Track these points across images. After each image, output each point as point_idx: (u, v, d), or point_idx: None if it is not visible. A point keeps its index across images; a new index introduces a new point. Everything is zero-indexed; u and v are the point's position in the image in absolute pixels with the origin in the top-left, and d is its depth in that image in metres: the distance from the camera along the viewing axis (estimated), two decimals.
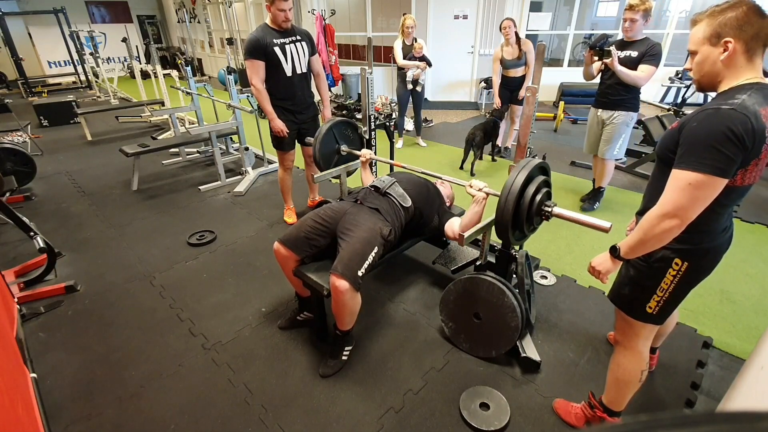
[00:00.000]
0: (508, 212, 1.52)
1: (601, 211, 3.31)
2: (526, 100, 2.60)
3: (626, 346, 1.39)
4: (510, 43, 4.07)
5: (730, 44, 1.02)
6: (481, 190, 1.79)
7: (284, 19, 2.58)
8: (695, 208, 1.02)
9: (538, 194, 1.58)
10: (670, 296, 1.23)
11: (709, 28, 1.04)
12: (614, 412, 1.48)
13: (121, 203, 3.64)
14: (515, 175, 1.54)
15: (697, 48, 1.09)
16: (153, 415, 1.66)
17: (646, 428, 0.23)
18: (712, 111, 0.99)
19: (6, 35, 8.34)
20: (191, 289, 2.43)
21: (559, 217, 1.56)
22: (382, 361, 1.90)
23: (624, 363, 1.39)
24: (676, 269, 1.19)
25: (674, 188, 1.04)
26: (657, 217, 1.06)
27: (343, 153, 2.57)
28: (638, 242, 1.13)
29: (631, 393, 1.44)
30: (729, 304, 2.24)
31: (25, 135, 5.02)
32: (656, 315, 1.27)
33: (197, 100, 4.48)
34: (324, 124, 2.51)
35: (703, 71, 1.10)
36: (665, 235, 1.07)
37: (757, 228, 3.03)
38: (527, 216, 1.58)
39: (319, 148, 2.44)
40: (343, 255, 1.68)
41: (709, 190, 1.01)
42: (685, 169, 1.01)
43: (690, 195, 1.01)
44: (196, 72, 10.62)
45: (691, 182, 1.00)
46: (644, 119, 4.17)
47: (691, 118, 1.04)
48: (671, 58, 6.91)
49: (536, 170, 1.61)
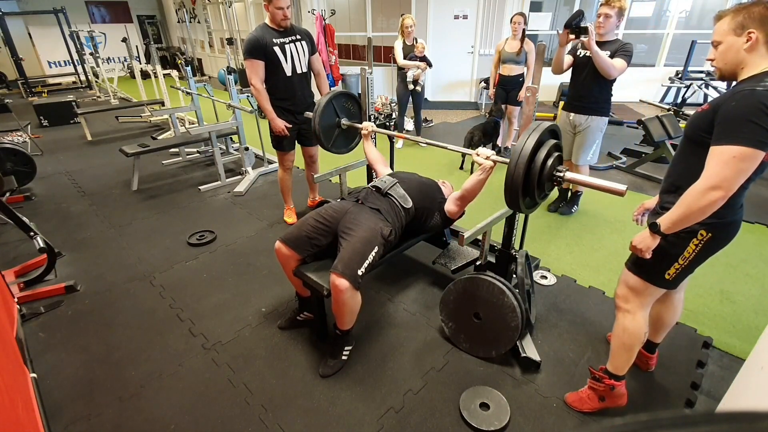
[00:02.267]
0: (519, 177, 1.42)
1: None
2: (526, 100, 2.60)
3: (631, 311, 1.47)
4: (516, 38, 4.10)
5: (753, 35, 1.13)
6: (489, 158, 1.72)
7: (283, 18, 2.57)
8: (738, 180, 1.11)
9: (549, 158, 1.48)
10: (689, 264, 1.33)
11: (734, 21, 1.16)
12: (619, 377, 1.55)
13: (121, 203, 3.64)
14: (525, 139, 1.44)
15: (722, 39, 1.19)
16: (153, 415, 1.66)
17: (646, 428, 0.23)
18: (748, 92, 1.09)
19: (6, 35, 8.35)
20: (191, 289, 2.43)
21: (572, 182, 1.48)
22: (382, 361, 1.90)
23: (629, 327, 1.48)
24: (700, 239, 1.28)
25: (717, 162, 1.11)
26: (703, 190, 1.13)
27: (343, 126, 2.47)
28: (682, 216, 1.19)
29: (634, 356, 1.52)
30: (729, 304, 2.24)
31: (25, 135, 5.02)
32: (672, 281, 1.38)
33: (197, 100, 4.48)
34: (323, 96, 2.40)
35: (726, 59, 1.20)
36: (710, 207, 1.14)
37: (757, 228, 3.03)
38: (538, 181, 1.48)
39: (319, 121, 2.34)
40: (344, 254, 1.68)
41: (752, 162, 1.09)
42: (728, 144, 1.09)
43: (734, 167, 1.09)
44: (196, 72, 10.62)
45: (735, 155, 1.08)
46: (644, 119, 4.16)
47: (727, 99, 1.13)
48: (671, 58, 6.91)
49: (547, 134, 1.50)
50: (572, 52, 2.85)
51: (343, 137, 2.52)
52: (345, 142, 2.58)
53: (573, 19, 2.50)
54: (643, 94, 6.10)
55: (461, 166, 4.30)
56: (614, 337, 1.53)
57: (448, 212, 2.01)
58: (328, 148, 2.47)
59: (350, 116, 2.52)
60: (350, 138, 2.60)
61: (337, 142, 2.50)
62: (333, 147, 2.49)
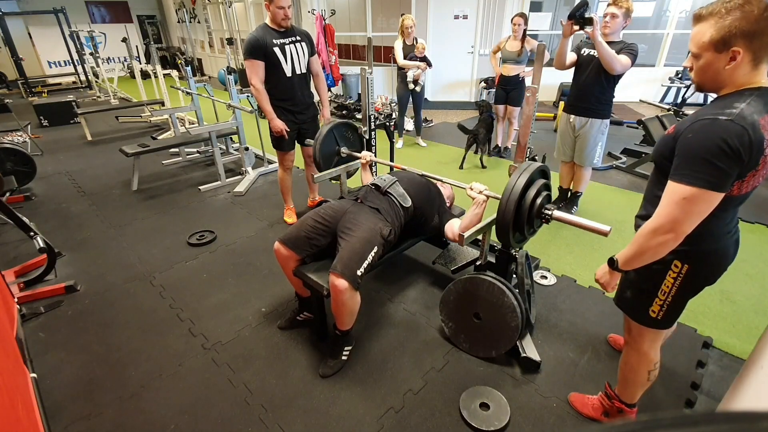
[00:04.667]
0: (509, 214, 1.54)
1: (595, 212, 3.30)
2: (526, 100, 2.60)
3: (633, 346, 1.38)
4: (517, 38, 4.10)
5: (739, 55, 0.94)
6: (482, 192, 1.80)
7: (283, 17, 2.58)
8: (690, 222, 1.00)
9: (538, 197, 1.60)
10: (673, 300, 1.20)
11: (717, 34, 0.95)
12: (630, 404, 1.49)
13: (121, 203, 3.64)
14: (516, 179, 1.56)
15: (700, 52, 1.00)
16: (153, 415, 1.66)
17: (646, 428, 0.23)
18: (709, 121, 0.95)
19: (6, 35, 8.35)
20: (191, 289, 2.43)
21: (559, 221, 1.57)
22: (382, 361, 1.90)
23: (631, 362, 1.40)
24: (676, 271, 1.16)
25: (668, 202, 1.01)
26: (651, 231, 1.05)
27: (343, 155, 2.57)
28: (634, 255, 1.12)
29: (641, 390, 1.45)
30: (729, 304, 2.24)
31: (25, 135, 5.02)
32: (661, 320, 1.24)
33: (197, 100, 4.49)
34: (324, 125, 2.50)
35: (705, 77, 1.03)
36: (660, 248, 1.06)
37: (757, 228, 3.03)
38: (528, 218, 1.61)
39: (320, 149, 2.44)
40: (343, 254, 1.68)
41: (704, 205, 0.98)
42: (679, 182, 0.99)
43: (684, 209, 0.98)
44: (196, 72, 10.62)
45: (685, 196, 0.98)
46: (644, 119, 4.17)
47: (687, 128, 1.00)
48: (671, 58, 6.91)
49: (537, 173, 1.63)
50: (576, 50, 2.80)
51: (342, 164, 2.57)
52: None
53: (577, 10, 2.42)
54: (643, 94, 6.10)
55: (461, 165, 4.30)
56: (620, 369, 1.46)
57: (444, 233, 2.02)
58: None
59: (349, 145, 2.62)
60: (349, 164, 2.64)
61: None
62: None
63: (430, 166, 4.35)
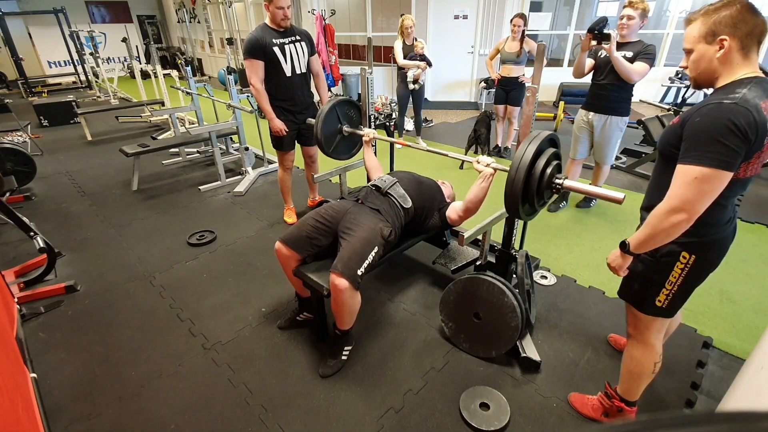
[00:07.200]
0: (518, 185, 1.45)
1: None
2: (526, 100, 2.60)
3: (638, 339, 1.40)
4: (516, 39, 4.11)
5: (726, 42, 1.04)
6: (489, 165, 1.75)
7: (283, 17, 2.58)
8: (703, 202, 1.03)
9: (548, 167, 1.50)
10: (679, 290, 1.25)
11: (704, 27, 1.07)
12: (630, 402, 1.50)
13: (121, 203, 3.64)
14: (525, 147, 1.47)
15: (692, 46, 1.11)
16: (153, 415, 1.66)
17: (646, 428, 0.23)
18: (714, 105, 1.01)
19: (6, 35, 8.34)
20: (191, 289, 2.43)
21: (570, 189, 1.51)
22: (382, 361, 1.90)
23: (637, 355, 1.42)
24: (683, 262, 1.21)
25: (681, 183, 1.05)
26: (665, 212, 1.07)
27: (345, 133, 2.49)
28: (647, 237, 1.14)
29: (644, 384, 1.46)
30: (729, 304, 2.24)
31: (25, 135, 5.01)
32: (666, 308, 1.29)
33: (197, 100, 4.48)
34: (326, 103, 2.42)
35: (699, 69, 1.12)
36: (674, 229, 1.08)
37: (757, 228, 3.03)
38: (537, 189, 1.51)
39: (321, 127, 2.36)
40: (343, 254, 1.68)
41: (716, 184, 1.01)
42: (691, 164, 1.02)
43: (697, 189, 1.02)
44: (196, 72, 10.62)
45: (697, 176, 1.01)
46: (644, 119, 4.17)
47: (694, 113, 1.05)
48: (671, 58, 6.91)
49: (546, 142, 1.53)
50: (593, 55, 2.87)
51: (344, 143, 2.54)
52: (345, 148, 2.60)
53: (597, 25, 2.57)
54: (643, 94, 6.10)
55: (461, 165, 4.30)
56: (623, 363, 1.47)
57: (449, 218, 2.01)
58: (328, 154, 2.48)
59: (352, 124, 2.55)
60: (351, 145, 2.62)
61: (337, 149, 2.52)
62: (333, 153, 2.51)
63: (430, 166, 4.35)
